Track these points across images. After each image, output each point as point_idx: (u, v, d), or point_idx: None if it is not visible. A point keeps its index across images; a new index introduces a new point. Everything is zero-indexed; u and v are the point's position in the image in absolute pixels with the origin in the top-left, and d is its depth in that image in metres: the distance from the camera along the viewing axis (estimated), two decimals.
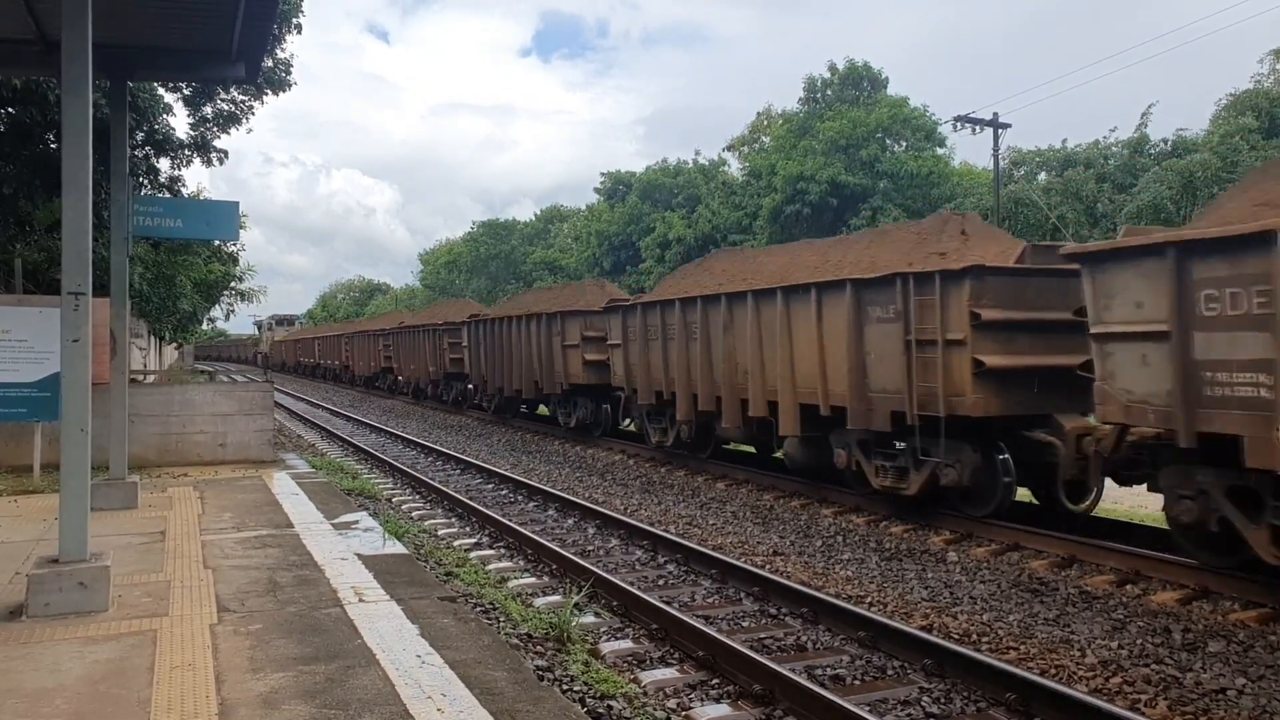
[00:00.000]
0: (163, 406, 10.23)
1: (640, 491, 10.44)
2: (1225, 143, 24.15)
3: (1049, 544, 7.03)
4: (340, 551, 5.88)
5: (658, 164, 45.84)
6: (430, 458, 13.62)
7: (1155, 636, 5.19)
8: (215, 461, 10.21)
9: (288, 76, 13.35)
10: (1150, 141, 28.73)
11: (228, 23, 6.40)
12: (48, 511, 6.74)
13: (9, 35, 6.63)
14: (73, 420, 4.53)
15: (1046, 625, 5.41)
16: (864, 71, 36.78)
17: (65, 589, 4.39)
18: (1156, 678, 4.56)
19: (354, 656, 3.89)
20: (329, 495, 8.27)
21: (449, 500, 9.52)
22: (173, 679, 3.61)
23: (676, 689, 4.45)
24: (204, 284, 22.72)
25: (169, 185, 14.27)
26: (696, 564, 6.78)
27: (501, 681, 3.67)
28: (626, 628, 5.39)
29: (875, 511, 8.59)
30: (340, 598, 4.77)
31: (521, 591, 6.02)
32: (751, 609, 5.79)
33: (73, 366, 4.57)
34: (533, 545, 7.25)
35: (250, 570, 5.34)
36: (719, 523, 8.53)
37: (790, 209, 32.92)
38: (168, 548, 5.91)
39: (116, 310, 7.60)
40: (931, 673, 4.62)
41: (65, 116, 4.54)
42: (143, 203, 8.17)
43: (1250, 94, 27.79)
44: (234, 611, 4.51)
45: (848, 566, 6.84)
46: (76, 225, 4.54)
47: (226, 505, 7.55)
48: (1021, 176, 31.47)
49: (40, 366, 8.15)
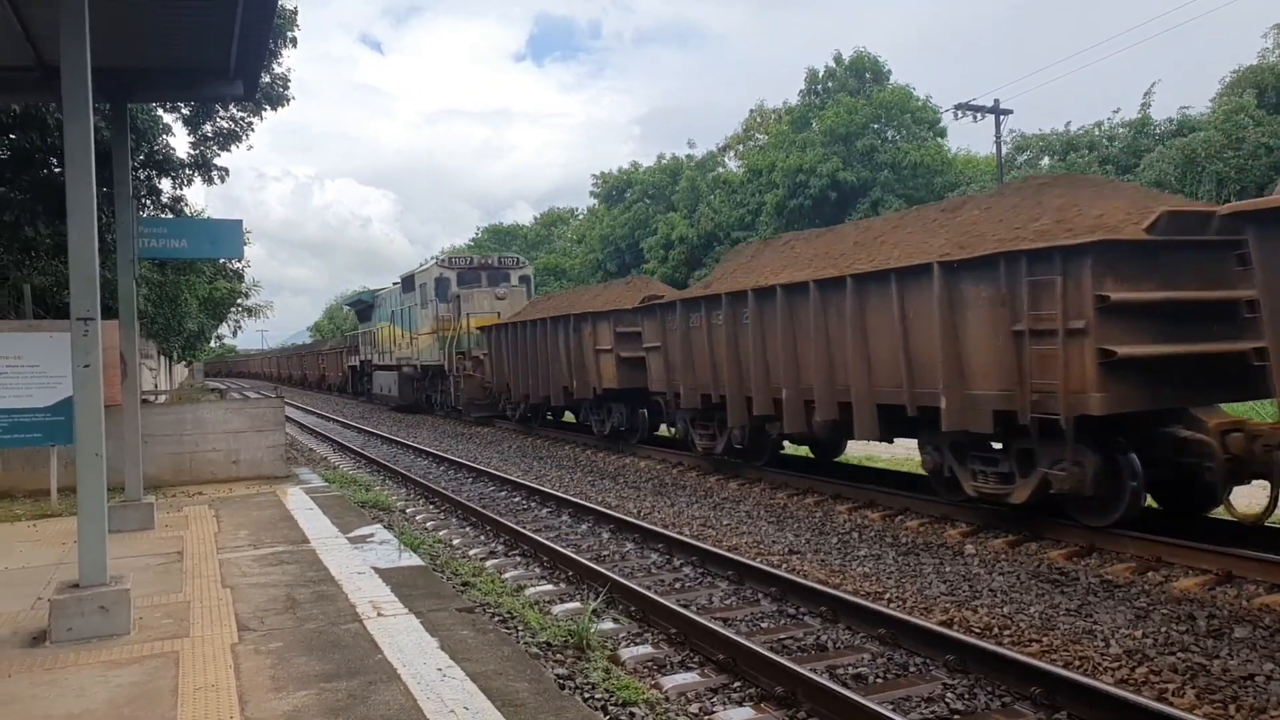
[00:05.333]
0: (175, 426, 10.27)
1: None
2: (1229, 120, 23.97)
3: (1067, 533, 6.97)
4: (357, 566, 5.88)
5: (656, 162, 45.86)
6: (442, 467, 13.64)
7: (1180, 624, 5.14)
8: (229, 479, 10.24)
9: (285, 91, 13.41)
10: (1154, 122, 28.55)
11: (224, 41, 6.42)
12: (66, 535, 6.77)
13: (8, 63, 6.66)
14: (87, 445, 4.54)
15: (1068, 616, 5.36)
16: (868, 64, 36.68)
17: (87, 614, 4.41)
18: (1183, 666, 4.51)
19: (375, 672, 3.88)
20: (343, 508, 8.29)
21: (463, 509, 9.53)
22: (197, 700, 3.61)
23: (698, 693, 4.44)
24: (210, 301, 22.87)
25: (171, 205, 14.34)
26: (712, 565, 6.77)
27: (523, 692, 3.66)
28: (645, 632, 5.38)
29: (889, 507, 8.54)
30: (359, 612, 4.77)
31: (538, 599, 6.01)
32: (770, 609, 5.77)
33: (85, 391, 4.59)
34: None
35: (268, 588, 5.35)
36: (733, 523, 8.51)
37: (793, 203, 32.87)
38: (186, 567, 5.93)
39: (125, 332, 7.63)
40: (954, 668, 4.58)
41: (67, 142, 4.56)
42: (147, 224, 8.21)
43: (1253, 70, 27.56)
44: (254, 630, 4.52)
45: (864, 563, 6.81)
46: (83, 250, 4.55)
47: (242, 523, 7.57)
48: (1025, 161, 31.31)
49: (53, 391, 8.20)
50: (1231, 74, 28.57)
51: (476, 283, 21.79)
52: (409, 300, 24.31)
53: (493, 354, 18.65)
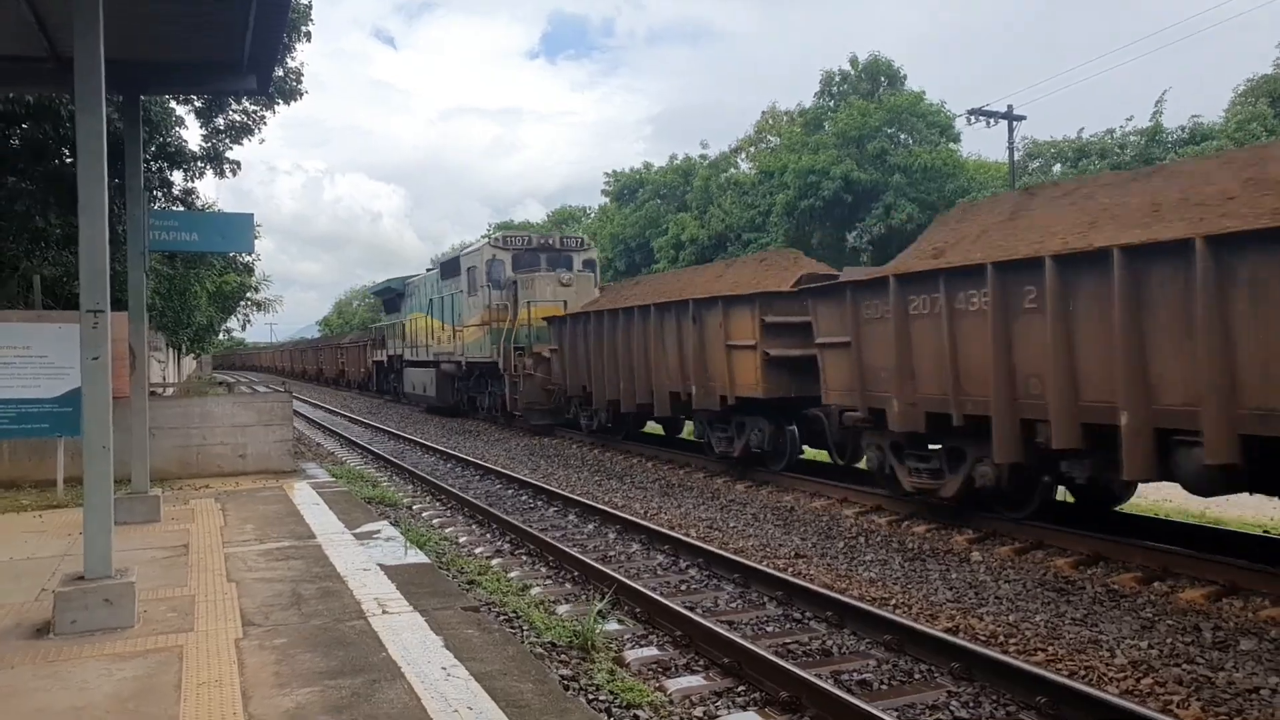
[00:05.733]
0: (182, 419, 10.30)
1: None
2: (1242, 129, 23.83)
3: (1073, 542, 6.93)
4: (363, 562, 5.88)
5: (669, 162, 45.83)
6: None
7: (1185, 635, 5.10)
8: (236, 473, 10.27)
9: (298, 85, 13.44)
10: (1166, 130, 28.42)
11: (238, 34, 6.42)
12: (72, 526, 6.80)
13: (23, 53, 6.68)
14: (95, 438, 4.55)
15: (1074, 625, 5.33)
16: (882, 67, 36.57)
17: (91, 606, 4.41)
18: (1188, 678, 4.47)
19: (379, 670, 3.88)
20: (350, 504, 8.30)
21: (471, 508, 9.50)
22: (200, 696, 3.61)
23: (703, 696, 4.42)
24: (220, 295, 22.92)
25: (182, 198, 14.39)
26: (719, 568, 6.74)
27: (528, 693, 3.64)
28: (650, 634, 5.36)
29: (897, 511, 8.51)
30: (364, 609, 4.77)
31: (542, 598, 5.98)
32: (776, 613, 5.74)
33: (93, 384, 4.59)
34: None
35: (274, 583, 5.35)
36: (740, 525, 8.48)
37: (804, 204, 32.80)
38: (191, 561, 5.94)
39: (134, 325, 7.65)
40: (959, 676, 4.55)
41: (79, 134, 4.56)
42: (158, 217, 8.22)
43: (1267, 79, 27.42)
44: (259, 625, 4.52)
45: (871, 568, 6.77)
46: (93, 243, 4.55)
47: (248, 517, 7.58)
48: (1036, 168, 31.19)
49: (61, 382, 8.23)
50: (1246, 82, 28.43)
51: (534, 266, 18.32)
52: (451, 287, 20.79)
53: (564, 350, 15.21)
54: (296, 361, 56.39)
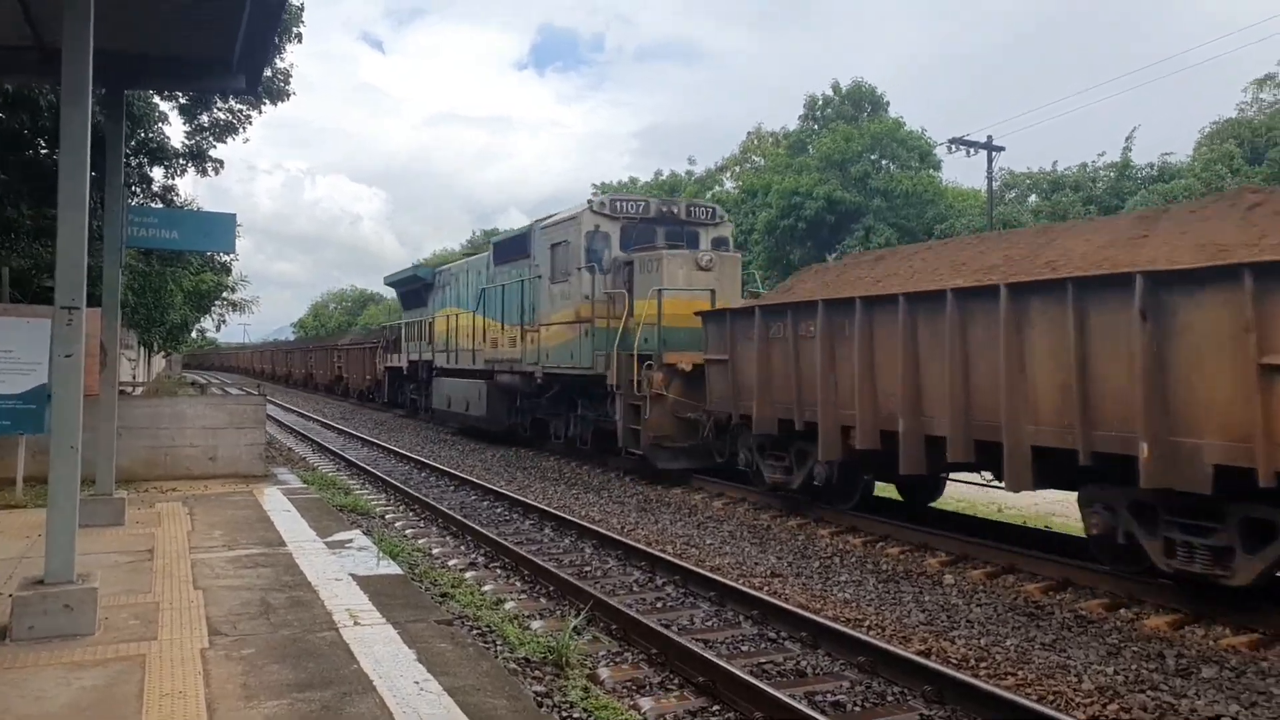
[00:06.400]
0: (152, 419, 10.09)
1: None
2: (1209, 169, 24.58)
3: (1043, 566, 7.04)
4: (335, 572, 5.78)
5: (654, 178, 46.07)
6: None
7: (1150, 662, 5.18)
8: (205, 476, 10.07)
9: (286, 86, 13.34)
10: (1135, 166, 29.23)
11: (230, 33, 6.36)
12: (31, 528, 6.61)
13: (6, 42, 6.57)
14: (63, 437, 4.43)
15: (1043, 650, 5.39)
16: (865, 93, 37.21)
17: (50, 612, 4.28)
18: (1152, 704, 4.54)
19: (350, 683, 3.81)
20: (322, 512, 8.17)
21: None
22: (162, 707, 3.51)
23: (677, 715, 4.40)
24: (195, 294, 22.51)
25: (162, 194, 14.17)
26: (695, 585, 6.72)
27: (501, 709, 3.60)
28: (625, 651, 5.32)
29: (871, 533, 8.56)
30: (335, 620, 4.68)
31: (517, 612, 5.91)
32: (751, 632, 5.74)
33: (65, 382, 4.49)
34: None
35: (242, 591, 5.24)
36: (716, 543, 8.48)
37: (785, 223, 33.15)
38: (156, 567, 5.80)
39: (107, 321, 7.50)
40: (931, 699, 4.58)
41: (64, 127, 4.48)
42: (138, 214, 8.08)
43: (1233, 123, 28.37)
44: (226, 635, 4.42)
45: (845, 589, 6.80)
46: (72, 238, 4.46)
47: (217, 522, 7.43)
48: (1013, 198, 31.84)
49: (26, 378, 8.00)
50: (1211, 124, 29.37)
51: (650, 241, 13.10)
52: (514, 273, 15.50)
53: (736, 361, 10.13)
54: (279, 364, 50.28)
